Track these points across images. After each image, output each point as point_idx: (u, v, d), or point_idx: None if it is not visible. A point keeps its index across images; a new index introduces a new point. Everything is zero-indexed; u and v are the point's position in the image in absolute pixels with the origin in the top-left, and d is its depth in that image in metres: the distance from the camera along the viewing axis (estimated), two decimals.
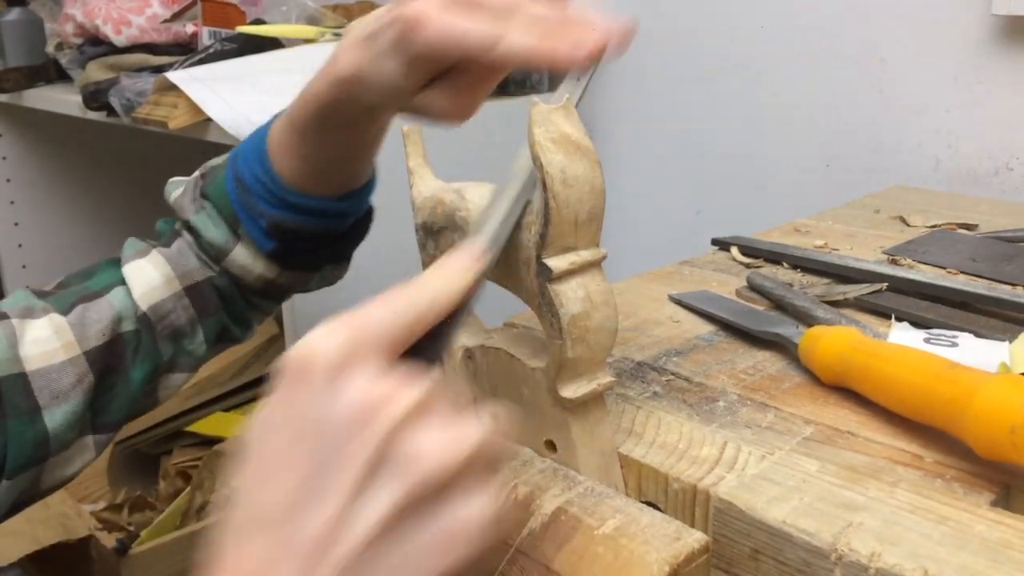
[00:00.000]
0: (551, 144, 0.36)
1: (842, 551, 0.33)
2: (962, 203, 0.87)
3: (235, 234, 0.58)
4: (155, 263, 0.59)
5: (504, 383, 0.42)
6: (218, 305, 0.60)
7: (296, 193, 0.55)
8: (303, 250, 0.58)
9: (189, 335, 0.59)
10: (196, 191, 0.60)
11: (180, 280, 0.58)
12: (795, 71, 1.13)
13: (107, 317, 0.56)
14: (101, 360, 0.55)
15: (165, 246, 0.60)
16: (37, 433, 0.53)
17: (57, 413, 0.53)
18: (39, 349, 0.54)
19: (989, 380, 0.37)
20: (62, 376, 0.54)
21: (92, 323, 0.56)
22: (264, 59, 1.12)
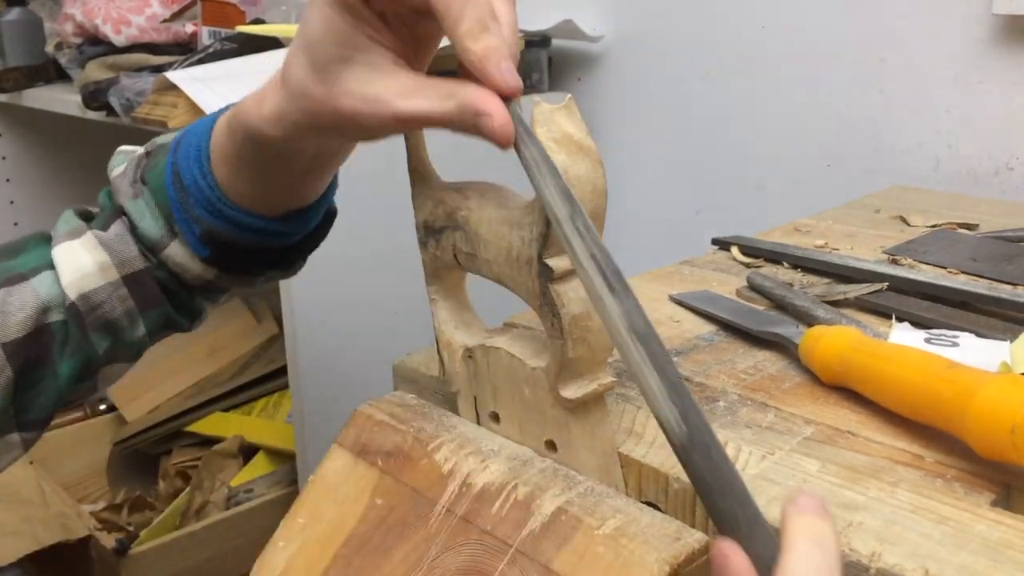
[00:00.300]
0: (553, 144, 0.36)
1: (842, 551, 0.33)
2: (962, 203, 0.87)
3: (171, 230, 0.53)
4: (89, 247, 0.53)
5: (505, 383, 0.42)
6: (160, 297, 0.54)
7: (234, 208, 0.50)
8: (242, 259, 0.53)
9: (127, 327, 0.54)
10: (137, 172, 0.54)
11: (117, 268, 0.53)
12: (795, 71, 1.13)
13: (31, 305, 0.51)
14: (22, 353, 0.50)
15: (103, 228, 0.54)
16: None
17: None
18: None
19: (989, 380, 0.37)
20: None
21: (14, 311, 0.51)
22: (264, 59, 1.12)
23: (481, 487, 0.39)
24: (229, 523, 1.26)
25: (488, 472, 0.40)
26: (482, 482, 0.40)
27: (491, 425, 0.44)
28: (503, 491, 0.39)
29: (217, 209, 0.51)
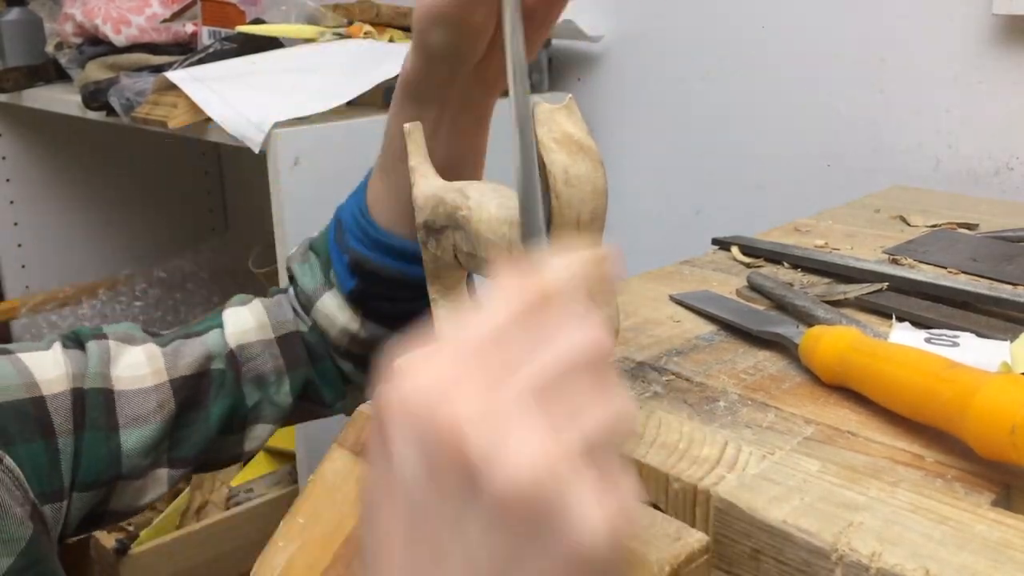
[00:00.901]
0: (554, 144, 0.36)
1: (843, 551, 0.33)
2: (962, 203, 0.87)
3: (327, 281, 0.60)
4: (253, 310, 0.61)
5: None
6: (306, 359, 0.61)
7: (381, 230, 0.56)
8: (385, 297, 0.58)
9: (275, 384, 0.60)
10: (307, 244, 0.63)
11: (273, 329, 0.60)
12: (795, 71, 1.13)
13: (199, 352, 0.58)
14: (185, 390, 0.57)
15: (270, 296, 0.63)
16: (111, 450, 0.54)
17: (134, 435, 0.55)
18: (131, 372, 0.56)
19: (989, 380, 0.37)
20: (146, 400, 0.55)
21: (184, 356, 0.58)
22: (264, 59, 1.12)
23: None
24: (229, 523, 1.26)
25: None
26: None
27: None
28: None
29: (366, 234, 0.57)
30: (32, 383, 0.52)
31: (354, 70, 1.06)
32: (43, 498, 0.50)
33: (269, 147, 0.95)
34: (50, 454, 0.51)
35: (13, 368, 0.52)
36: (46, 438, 0.51)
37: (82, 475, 0.53)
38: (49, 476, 0.51)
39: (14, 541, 0.47)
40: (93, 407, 0.53)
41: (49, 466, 0.51)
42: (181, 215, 1.96)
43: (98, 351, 0.55)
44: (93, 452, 0.53)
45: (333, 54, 1.13)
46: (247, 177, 1.95)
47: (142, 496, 0.57)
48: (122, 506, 0.56)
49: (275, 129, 0.94)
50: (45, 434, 0.51)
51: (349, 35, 1.19)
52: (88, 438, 0.53)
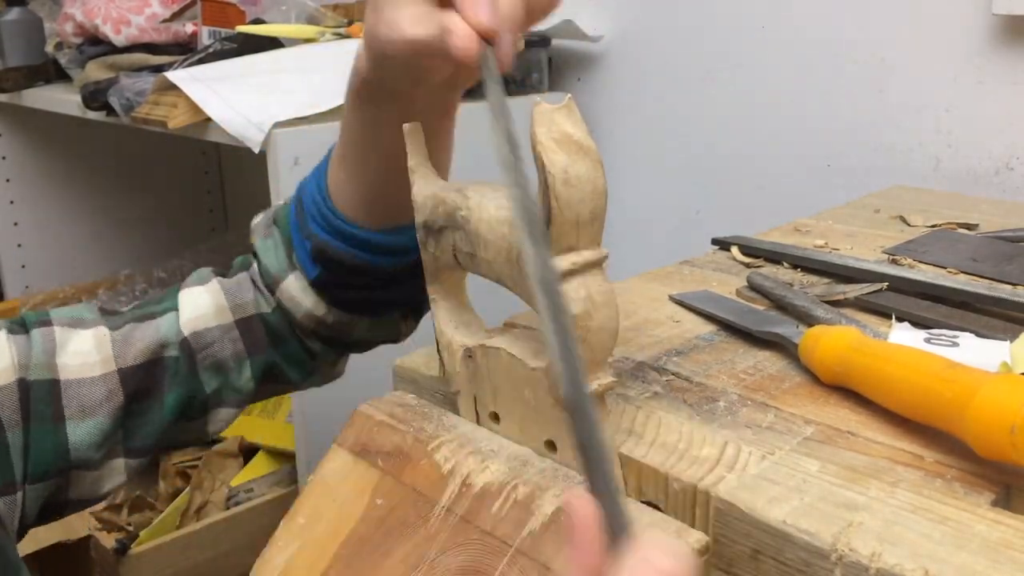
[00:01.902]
0: (553, 144, 0.36)
1: (842, 551, 0.33)
2: (962, 203, 0.87)
3: (291, 263, 0.58)
4: (211, 291, 0.59)
5: (505, 383, 0.42)
6: (267, 343, 0.59)
7: (343, 218, 0.54)
8: (349, 284, 0.56)
9: (235, 369, 0.59)
10: (271, 216, 0.60)
11: (232, 311, 0.58)
12: (795, 71, 1.13)
13: (150, 339, 0.56)
14: (135, 380, 0.55)
15: (230, 276, 0.60)
16: (58, 443, 0.52)
17: (81, 427, 0.53)
18: (78, 360, 0.54)
19: (989, 380, 0.37)
20: (92, 390, 0.53)
21: (134, 342, 0.56)
22: (264, 59, 1.12)
23: (481, 487, 0.39)
24: (229, 523, 1.26)
25: (488, 472, 0.40)
26: (482, 482, 0.40)
27: (491, 425, 0.44)
28: (503, 491, 0.39)
29: (328, 222, 0.55)
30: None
31: None
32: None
33: (269, 147, 0.95)
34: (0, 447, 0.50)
35: None
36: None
37: (31, 468, 0.52)
38: (1, 470, 0.50)
39: None
40: (38, 399, 0.52)
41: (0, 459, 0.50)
42: (181, 215, 1.96)
43: (41, 339, 0.54)
44: (40, 445, 0.52)
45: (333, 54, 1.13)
46: (247, 177, 1.95)
47: (101, 486, 0.55)
48: (82, 495, 0.55)
49: (275, 129, 0.94)
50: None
51: (349, 35, 1.19)
52: (34, 431, 0.52)
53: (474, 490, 0.39)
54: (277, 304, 0.59)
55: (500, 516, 0.38)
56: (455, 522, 0.39)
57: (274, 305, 0.59)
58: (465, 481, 0.40)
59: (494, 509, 0.38)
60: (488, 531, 0.38)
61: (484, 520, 0.38)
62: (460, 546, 0.38)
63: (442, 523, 0.39)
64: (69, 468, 0.53)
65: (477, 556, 0.37)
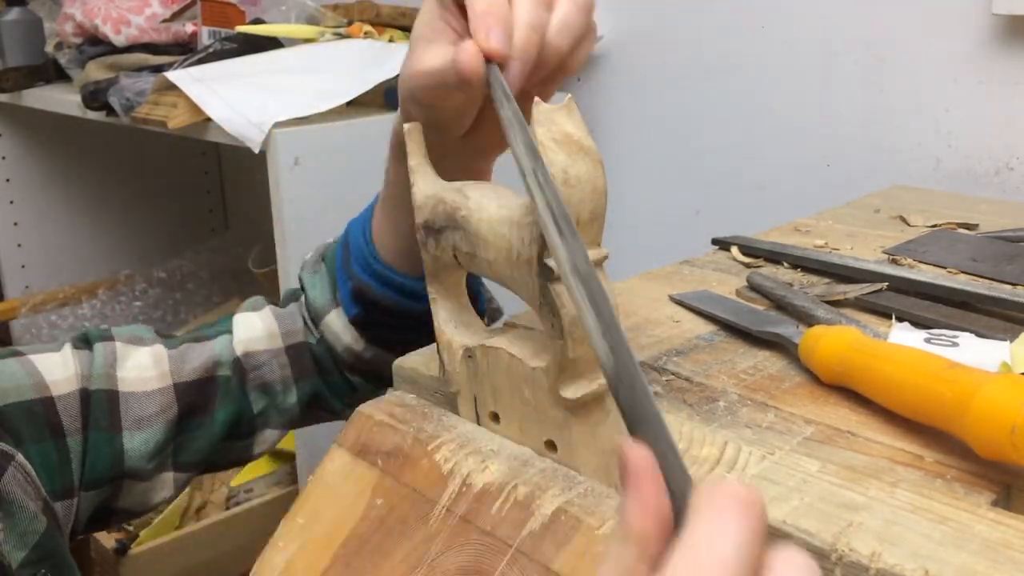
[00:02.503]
0: (553, 144, 0.36)
1: (842, 551, 0.33)
2: (962, 203, 0.87)
3: (335, 299, 0.60)
4: (263, 317, 0.61)
5: (505, 383, 0.42)
6: (314, 370, 0.61)
7: (382, 263, 0.57)
8: (386, 325, 0.58)
9: (281, 393, 0.61)
10: (320, 253, 0.63)
11: (283, 338, 0.61)
12: (795, 71, 1.13)
13: (206, 357, 0.59)
14: (189, 396, 0.57)
15: (282, 305, 0.63)
16: (114, 451, 0.55)
17: (137, 437, 0.55)
18: (136, 374, 0.56)
19: (989, 380, 0.37)
20: (149, 403, 0.56)
21: (190, 360, 0.58)
22: (264, 59, 1.12)
23: (481, 487, 0.39)
24: (229, 523, 1.26)
25: (488, 472, 0.40)
26: (482, 482, 0.40)
27: (491, 425, 0.44)
28: (503, 491, 0.39)
29: (368, 264, 0.57)
30: (42, 384, 0.53)
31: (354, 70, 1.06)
32: (54, 495, 0.52)
33: (269, 147, 0.95)
34: (60, 453, 0.53)
35: (24, 370, 0.53)
36: (55, 438, 0.53)
37: (88, 474, 0.54)
38: (60, 474, 0.53)
39: (29, 534, 0.49)
40: (97, 407, 0.54)
41: (59, 464, 0.53)
42: (181, 215, 1.96)
43: (103, 352, 0.56)
44: (97, 452, 0.54)
45: (333, 54, 1.13)
46: (247, 177, 1.95)
47: (150, 497, 0.58)
48: (130, 505, 0.57)
49: (275, 129, 0.94)
50: (54, 434, 0.53)
51: (349, 35, 1.19)
52: (92, 438, 0.54)
53: (474, 490, 0.39)
54: (321, 336, 0.61)
55: (500, 516, 0.38)
56: (455, 522, 0.39)
57: (319, 337, 0.61)
58: (465, 481, 0.40)
59: (494, 509, 0.38)
60: (488, 531, 0.38)
61: (484, 520, 0.38)
62: (460, 546, 0.38)
63: (442, 523, 0.39)
64: (122, 476, 0.56)
65: (477, 556, 0.37)
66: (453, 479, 0.41)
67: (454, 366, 0.45)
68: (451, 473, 0.41)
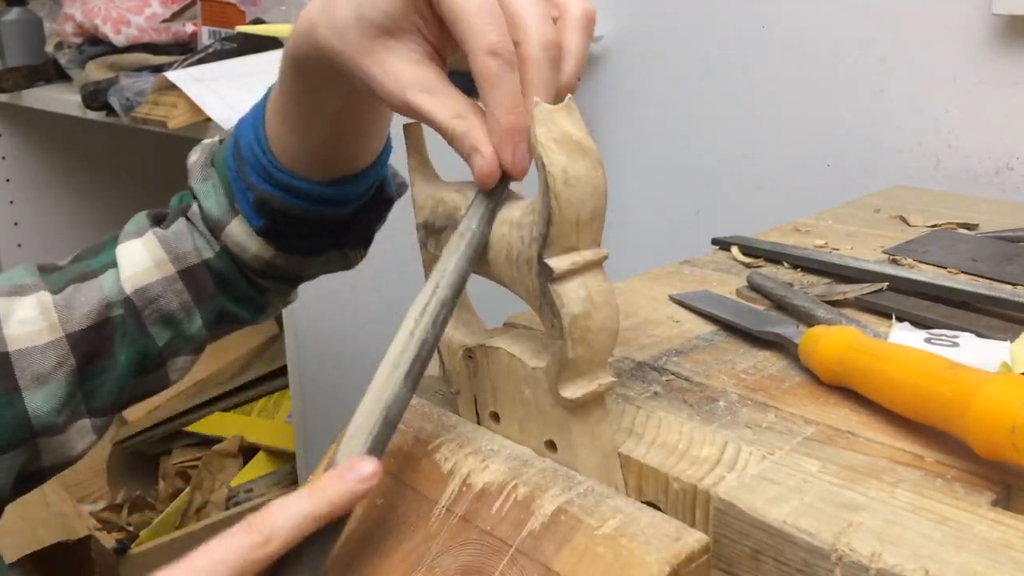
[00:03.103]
0: (553, 144, 0.36)
1: (843, 551, 0.33)
2: (962, 203, 0.87)
3: (232, 208, 0.56)
4: (148, 245, 0.57)
5: (504, 383, 0.42)
6: (215, 289, 0.58)
7: (284, 171, 0.53)
8: (296, 233, 0.55)
9: (184, 320, 0.57)
10: (209, 156, 0.58)
11: (173, 263, 0.56)
12: (795, 71, 1.13)
13: (95, 300, 0.55)
14: (84, 344, 0.54)
15: (166, 227, 0.58)
16: (17, 413, 0.52)
17: (38, 395, 0.52)
18: (24, 329, 0.53)
19: (989, 380, 0.37)
20: (44, 358, 0.53)
21: (79, 305, 0.54)
22: (264, 59, 1.12)
23: (481, 487, 0.39)
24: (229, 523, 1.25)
25: (488, 472, 0.40)
26: (482, 482, 0.40)
27: (491, 425, 0.44)
28: (503, 491, 0.39)
29: (268, 173, 0.53)
30: None
31: None
32: None
33: None
34: None
35: None
36: None
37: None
38: None
39: None
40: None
41: None
42: None
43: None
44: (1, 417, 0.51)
45: None
46: None
47: (71, 448, 0.55)
48: (55, 460, 0.55)
49: None
50: None
51: None
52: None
53: (474, 490, 0.39)
54: (222, 248, 0.57)
55: (500, 516, 0.38)
56: (455, 522, 0.39)
57: (218, 249, 0.57)
58: (465, 481, 0.40)
59: (494, 509, 0.38)
60: (488, 531, 0.38)
61: (484, 520, 0.38)
62: (460, 546, 0.38)
63: (442, 523, 0.39)
64: (34, 436, 0.53)
65: (477, 556, 0.37)
66: (453, 479, 0.41)
67: (454, 366, 0.45)
68: (451, 473, 0.41)
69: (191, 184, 0.58)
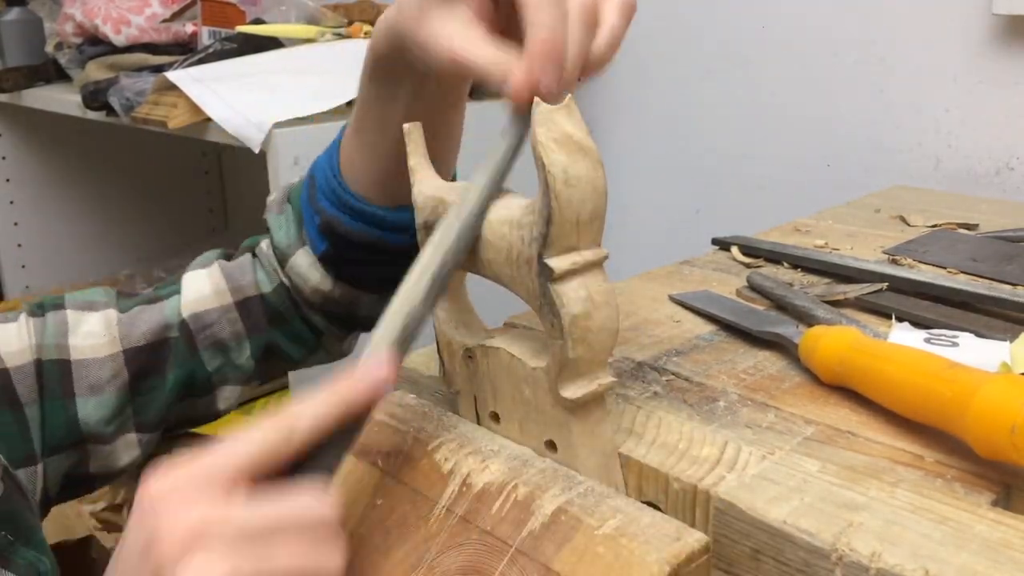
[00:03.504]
0: (553, 144, 0.36)
1: (843, 551, 0.33)
2: (962, 203, 0.87)
3: (300, 239, 0.59)
4: (212, 274, 0.61)
5: (505, 383, 0.42)
6: (266, 323, 0.61)
7: (352, 194, 0.56)
8: (356, 260, 0.57)
9: (235, 348, 0.61)
10: (285, 193, 0.62)
11: (232, 293, 0.60)
12: (795, 71, 1.13)
13: (155, 321, 0.59)
14: (139, 360, 0.58)
15: (232, 260, 0.62)
16: (69, 417, 0.56)
17: (90, 403, 0.56)
18: (88, 341, 0.57)
19: (989, 380, 0.37)
20: (101, 370, 0.57)
21: (140, 324, 0.58)
22: (264, 59, 1.12)
23: (481, 487, 0.39)
24: None
25: (488, 472, 0.40)
26: (482, 482, 0.40)
27: (491, 425, 0.44)
28: (503, 491, 0.39)
29: (338, 197, 0.56)
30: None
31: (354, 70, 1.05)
32: (15, 463, 0.53)
33: (269, 147, 0.95)
34: (19, 423, 0.54)
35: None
36: (13, 408, 0.54)
37: (48, 441, 0.55)
38: (20, 443, 0.54)
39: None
40: (50, 377, 0.55)
41: (19, 434, 0.54)
42: (181, 215, 1.96)
43: (55, 321, 0.57)
44: (53, 419, 0.55)
45: (333, 54, 1.13)
46: (247, 177, 1.95)
47: (116, 460, 0.58)
48: (100, 469, 0.58)
49: (275, 129, 0.94)
50: (12, 404, 0.54)
51: (349, 35, 1.19)
52: (48, 406, 0.55)
53: (474, 490, 0.39)
54: (279, 283, 0.61)
55: (500, 516, 0.38)
56: (455, 522, 0.39)
57: (277, 283, 0.61)
58: (465, 481, 0.40)
59: (494, 509, 0.38)
60: (488, 531, 0.38)
61: (484, 520, 0.38)
62: (460, 546, 0.38)
63: (442, 523, 0.39)
64: (83, 441, 0.56)
65: (477, 556, 0.37)
66: (453, 479, 0.41)
67: (454, 366, 0.45)
68: (451, 473, 0.41)
69: (266, 218, 0.61)
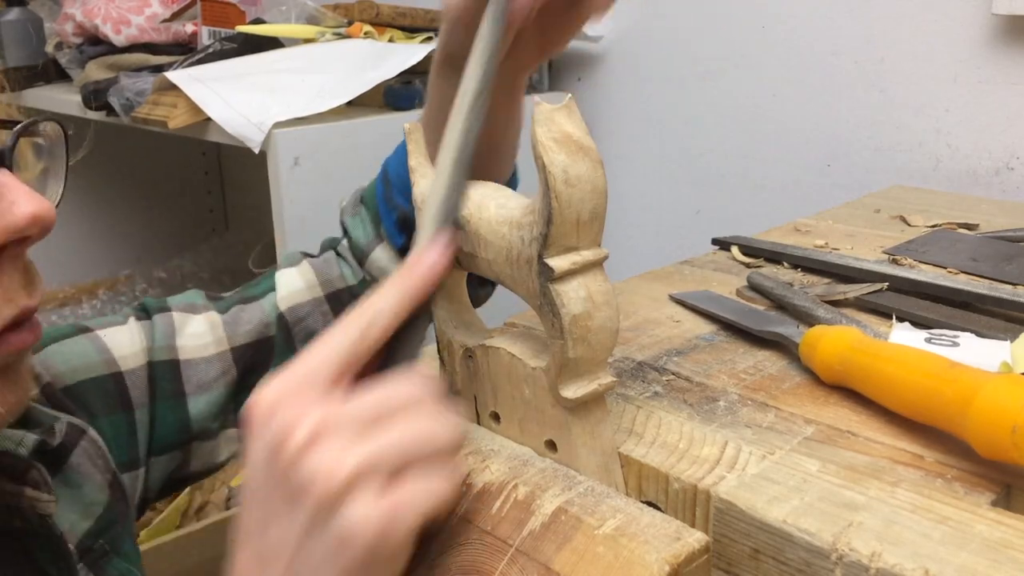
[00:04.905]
0: (553, 144, 0.36)
1: (843, 551, 0.33)
2: (962, 203, 0.87)
3: (378, 234, 0.62)
4: (302, 271, 0.64)
5: (505, 383, 0.42)
6: None
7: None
8: None
9: None
10: (358, 196, 0.65)
11: (322, 287, 0.63)
12: (795, 71, 1.13)
13: (256, 319, 0.62)
14: (246, 357, 0.61)
15: (317, 256, 0.65)
16: (181, 417, 0.58)
17: (200, 401, 0.59)
18: (194, 342, 0.60)
19: (990, 380, 0.37)
20: (209, 368, 0.59)
21: (243, 323, 0.61)
22: (264, 59, 1.12)
23: (481, 487, 0.39)
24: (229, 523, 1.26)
25: (488, 472, 0.40)
26: (482, 482, 0.40)
27: (491, 425, 0.44)
28: (503, 491, 0.39)
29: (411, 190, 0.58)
30: (111, 360, 0.56)
31: (354, 70, 1.06)
32: (122, 467, 0.55)
33: (269, 147, 0.95)
34: (129, 426, 0.56)
35: (93, 347, 0.56)
36: (125, 411, 0.56)
37: (157, 441, 0.57)
38: (128, 446, 0.56)
39: (94, 505, 0.52)
40: (162, 378, 0.58)
41: (128, 437, 0.56)
42: (181, 215, 1.96)
43: (162, 323, 0.59)
44: (164, 419, 0.57)
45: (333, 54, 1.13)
46: (247, 177, 1.95)
47: (217, 455, 0.61)
48: (200, 466, 0.61)
49: (275, 129, 0.94)
50: (124, 407, 0.56)
51: (349, 35, 1.19)
52: (159, 407, 0.57)
53: (474, 490, 0.39)
54: (364, 276, 0.63)
55: (500, 516, 0.38)
56: (455, 522, 0.39)
57: (361, 277, 0.63)
58: (465, 481, 0.40)
59: (494, 509, 0.38)
60: (488, 531, 0.38)
61: (484, 520, 0.38)
62: (460, 546, 0.38)
63: None
64: (190, 440, 0.59)
65: (477, 556, 0.37)
66: None
67: (454, 366, 0.45)
68: None
69: (343, 221, 0.64)
